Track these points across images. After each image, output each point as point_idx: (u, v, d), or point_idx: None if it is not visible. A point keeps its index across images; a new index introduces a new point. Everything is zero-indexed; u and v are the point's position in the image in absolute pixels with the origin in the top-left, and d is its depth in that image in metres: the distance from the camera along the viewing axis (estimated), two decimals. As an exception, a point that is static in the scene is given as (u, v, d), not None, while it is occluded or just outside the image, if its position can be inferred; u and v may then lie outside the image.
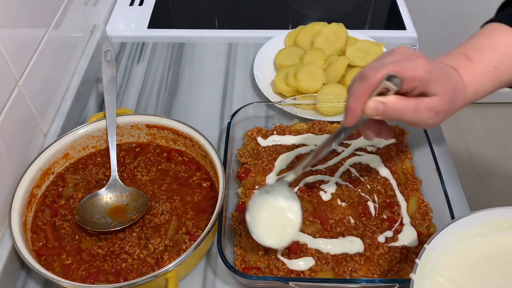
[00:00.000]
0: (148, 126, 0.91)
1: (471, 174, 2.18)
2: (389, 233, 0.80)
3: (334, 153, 0.92)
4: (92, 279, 0.74)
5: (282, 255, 0.77)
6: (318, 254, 0.77)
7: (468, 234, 0.69)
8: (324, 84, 1.03)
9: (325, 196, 0.85)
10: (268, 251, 0.77)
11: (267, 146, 0.93)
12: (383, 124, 0.70)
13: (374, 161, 0.90)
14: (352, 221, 0.82)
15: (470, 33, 0.75)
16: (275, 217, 0.74)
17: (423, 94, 0.64)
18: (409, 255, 0.77)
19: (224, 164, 0.83)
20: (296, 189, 0.86)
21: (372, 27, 1.31)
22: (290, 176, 0.75)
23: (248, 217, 0.73)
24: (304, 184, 0.87)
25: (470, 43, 0.73)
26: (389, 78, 0.61)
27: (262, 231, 0.73)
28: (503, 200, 2.03)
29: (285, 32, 1.20)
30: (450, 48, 0.75)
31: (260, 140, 0.94)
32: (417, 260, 0.64)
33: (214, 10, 1.38)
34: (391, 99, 0.63)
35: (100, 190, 0.84)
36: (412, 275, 0.63)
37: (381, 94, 0.63)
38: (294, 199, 0.74)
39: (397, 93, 0.63)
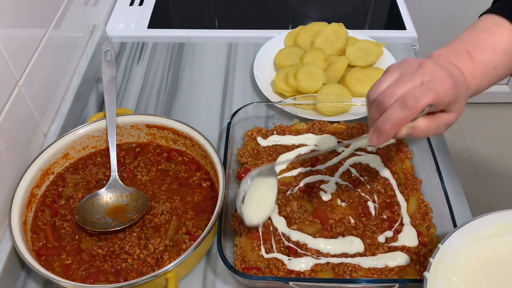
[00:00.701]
0: (148, 126, 0.91)
1: (471, 174, 2.18)
2: (389, 233, 0.80)
3: (334, 153, 0.92)
4: (92, 279, 0.74)
5: (282, 255, 0.77)
6: (318, 254, 0.77)
7: (483, 235, 0.69)
8: (324, 84, 1.03)
9: (325, 196, 0.85)
10: (269, 251, 0.77)
11: (267, 146, 0.93)
12: None
13: (374, 161, 0.90)
14: (352, 221, 0.82)
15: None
16: (257, 197, 0.75)
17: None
18: (409, 255, 0.77)
19: (224, 164, 0.83)
20: (296, 189, 0.86)
21: (372, 27, 1.31)
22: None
23: (240, 209, 0.74)
24: (304, 184, 0.87)
25: (474, 38, 0.73)
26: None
27: (250, 214, 0.74)
28: (503, 200, 2.03)
29: (285, 32, 1.20)
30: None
31: (260, 140, 0.94)
32: (431, 259, 0.65)
33: (214, 10, 1.38)
34: (420, 124, 0.66)
35: (100, 190, 0.84)
36: (426, 274, 0.64)
37: None
38: (271, 175, 0.76)
39: None
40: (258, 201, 0.75)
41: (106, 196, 0.84)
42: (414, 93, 0.63)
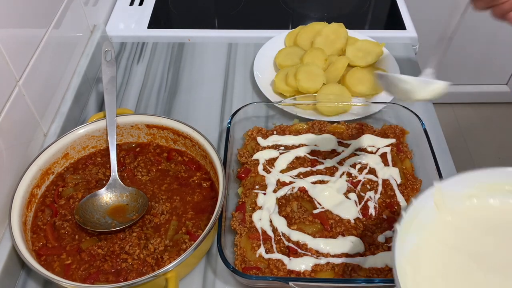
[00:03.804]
0: (148, 126, 0.91)
1: (471, 174, 2.17)
2: (389, 233, 0.80)
3: (334, 153, 0.92)
4: (92, 279, 0.74)
5: (282, 255, 0.77)
6: (318, 254, 0.77)
7: (459, 195, 0.68)
8: (324, 84, 1.04)
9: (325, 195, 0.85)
10: (269, 251, 0.77)
11: (267, 146, 0.93)
12: None
13: (374, 161, 0.90)
14: (352, 221, 0.82)
15: (470, 32, 0.75)
16: None
17: None
18: (409, 255, 0.77)
19: (224, 164, 0.83)
20: (296, 189, 0.86)
21: (372, 27, 1.31)
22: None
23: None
24: (304, 184, 0.87)
25: None
26: None
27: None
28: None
29: (285, 32, 1.20)
30: (450, 48, 0.75)
31: (260, 140, 0.94)
32: (403, 212, 0.63)
33: (214, 10, 1.38)
34: None
35: (100, 190, 0.84)
36: (396, 225, 0.62)
37: None
38: None
39: None
40: None
41: (106, 196, 0.84)
42: None
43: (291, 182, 0.87)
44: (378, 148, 0.93)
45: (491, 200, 0.69)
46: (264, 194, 0.85)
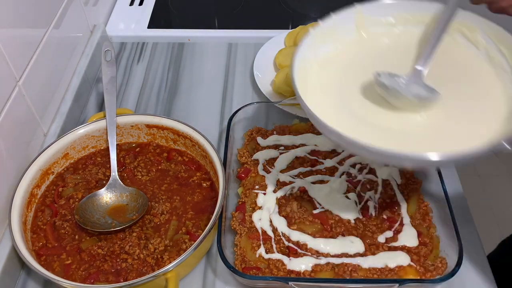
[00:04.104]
0: (148, 126, 0.91)
1: (471, 174, 2.17)
2: (389, 233, 0.80)
3: (334, 153, 0.92)
4: (92, 279, 0.74)
5: (282, 255, 0.77)
6: (318, 254, 0.77)
7: (380, 21, 0.73)
8: (324, 84, 1.03)
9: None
10: (269, 251, 0.77)
11: (267, 146, 0.93)
12: None
13: (374, 161, 0.90)
14: (352, 221, 0.82)
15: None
16: None
17: None
18: (409, 255, 0.77)
19: (224, 164, 0.83)
20: (296, 189, 0.86)
21: (372, 27, 1.31)
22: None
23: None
24: (304, 184, 0.87)
25: None
26: None
27: None
28: (503, 200, 2.03)
29: (285, 32, 1.20)
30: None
31: (260, 140, 0.94)
32: (320, 21, 0.71)
33: (214, 10, 1.38)
34: None
35: (100, 190, 0.84)
36: (310, 28, 0.70)
37: None
38: None
39: None
40: None
41: (106, 196, 0.84)
42: None
43: (291, 182, 0.87)
44: (378, 148, 0.93)
45: (408, 30, 0.73)
46: (264, 194, 0.85)
